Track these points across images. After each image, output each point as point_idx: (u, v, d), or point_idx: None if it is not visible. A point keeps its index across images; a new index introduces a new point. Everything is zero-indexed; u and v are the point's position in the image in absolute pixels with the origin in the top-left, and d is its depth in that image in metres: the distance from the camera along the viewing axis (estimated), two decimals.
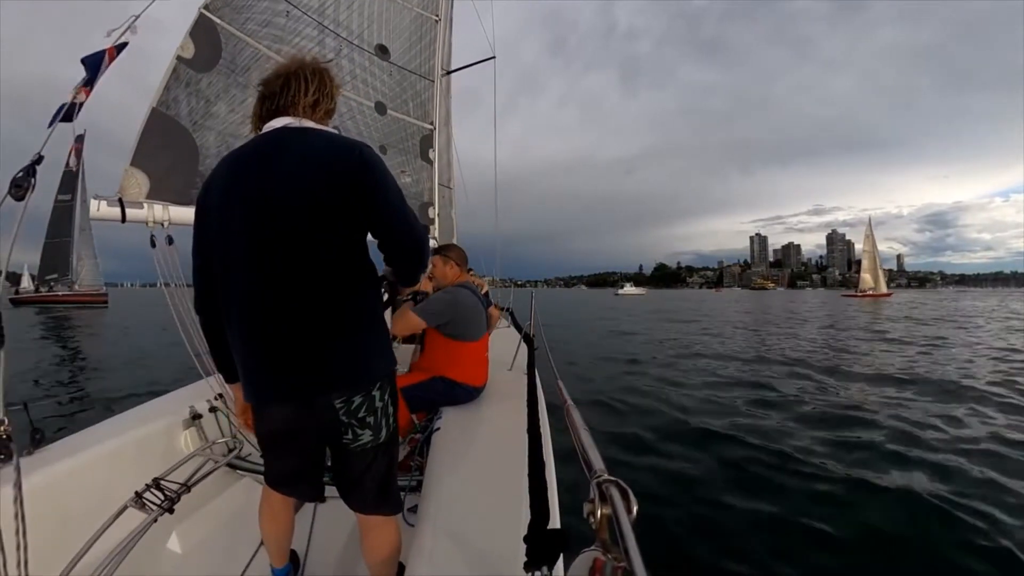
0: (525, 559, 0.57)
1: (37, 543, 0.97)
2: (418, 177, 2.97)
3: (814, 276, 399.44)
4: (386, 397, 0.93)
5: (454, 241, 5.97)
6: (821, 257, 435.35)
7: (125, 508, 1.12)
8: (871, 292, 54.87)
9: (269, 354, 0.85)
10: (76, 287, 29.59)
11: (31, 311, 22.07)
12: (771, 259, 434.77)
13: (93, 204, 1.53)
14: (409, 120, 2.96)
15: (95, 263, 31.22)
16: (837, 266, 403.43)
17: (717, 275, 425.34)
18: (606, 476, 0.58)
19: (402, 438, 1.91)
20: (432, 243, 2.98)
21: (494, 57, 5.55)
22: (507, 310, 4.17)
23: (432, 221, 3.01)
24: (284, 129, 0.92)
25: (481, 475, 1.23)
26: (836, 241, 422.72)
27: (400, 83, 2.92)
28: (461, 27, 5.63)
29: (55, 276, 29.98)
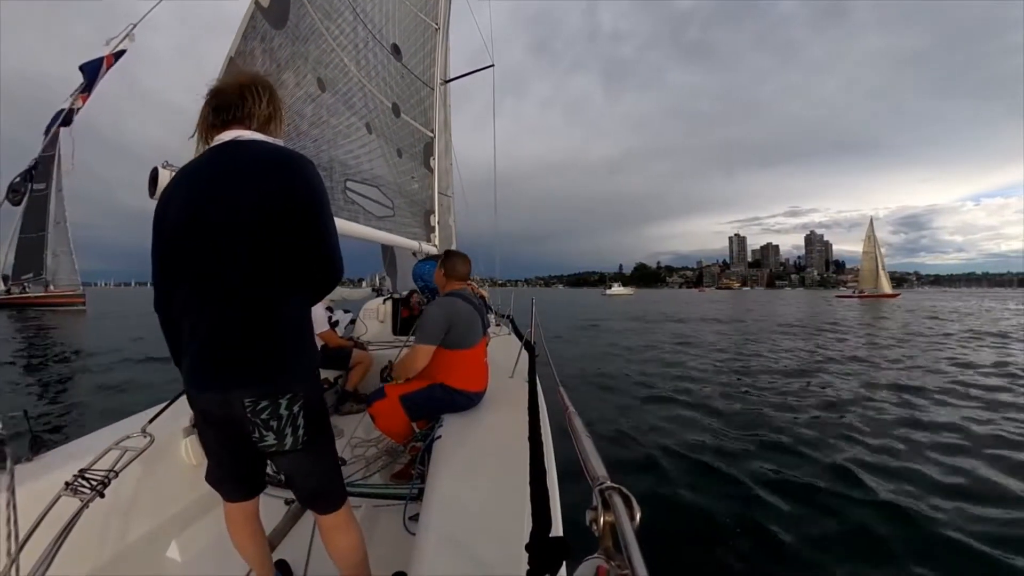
0: (527, 567, 0.57)
1: (34, 547, 0.98)
2: (423, 184, 2.97)
3: (792, 276, 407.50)
4: (294, 409, 0.97)
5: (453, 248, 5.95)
6: (799, 257, 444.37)
7: (59, 498, 1.13)
8: (869, 293, 53.08)
9: (202, 349, 0.94)
10: (51, 287, 27.18)
11: (4, 316, 19.92)
12: (749, 259, 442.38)
13: (163, 175, 1.31)
14: (416, 126, 2.95)
15: (71, 260, 28.59)
16: (815, 266, 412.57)
17: (696, 275, 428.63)
18: (609, 483, 0.59)
19: (403, 446, 1.93)
20: (432, 250, 2.98)
21: (492, 65, 5.58)
22: (508, 317, 4.21)
23: (433, 229, 3.00)
24: (233, 142, 0.96)
25: (483, 483, 1.23)
26: (814, 242, 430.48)
27: (409, 87, 2.91)
28: (451, 32, 5.64)
29: (30, 275, 27.54)
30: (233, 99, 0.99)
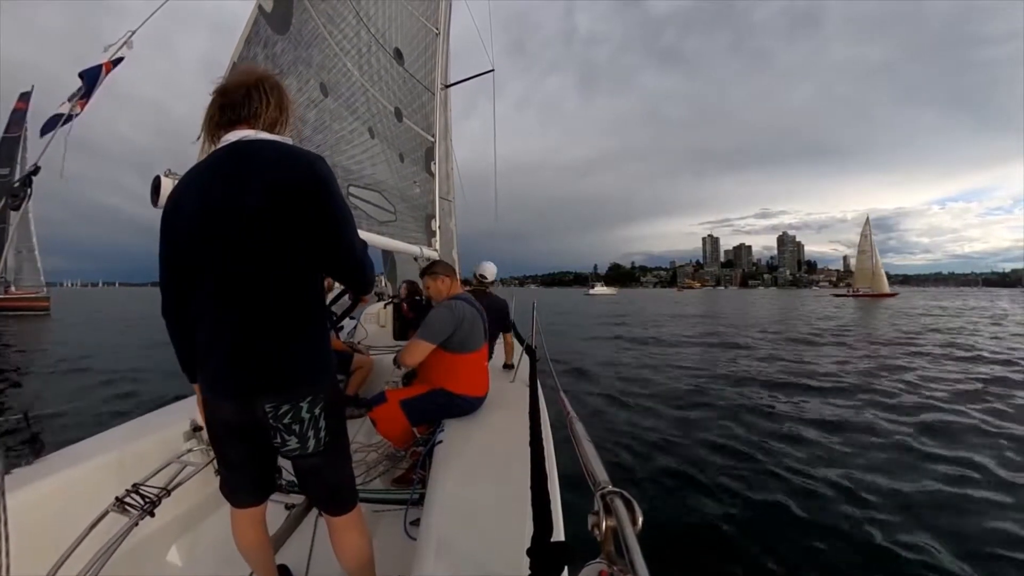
0: (529, 572, 0.57)
1: (36, 552, 0.98)
2: (424, 189, 2.98)
3: (765, 276, 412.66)
4: (315, 411, 0.97)
5: (453, 253, 5.94)
6: (772, 258, 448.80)
7: (107, 513, 1.12)
8: (864, 292, 54.21)
9: (222, 355, 0.93)
10: (13, 289, 23.78)
11: None
12: (722, 259, 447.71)
13: (165, 183, 1.26)
14: (418, 130, 2.96)
15: (35, 258, 25.48)
16: (788, 266, 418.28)
17: (670, 275, 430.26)
18: (610, 488, 0.59)
19: (404, 451, 1.93)
20: (433, 254, 2.97)
21: (493, 70, 5.61)
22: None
23: (434, 234, 3.01)
24: (241, 142, 0.94)
25: (484, 488, 1.24)
26: (786, 243, 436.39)
27: (410, 91, 2.92)
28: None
29: None
30: (238, 99, 0.97)
